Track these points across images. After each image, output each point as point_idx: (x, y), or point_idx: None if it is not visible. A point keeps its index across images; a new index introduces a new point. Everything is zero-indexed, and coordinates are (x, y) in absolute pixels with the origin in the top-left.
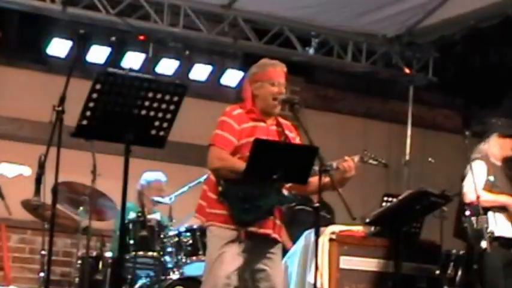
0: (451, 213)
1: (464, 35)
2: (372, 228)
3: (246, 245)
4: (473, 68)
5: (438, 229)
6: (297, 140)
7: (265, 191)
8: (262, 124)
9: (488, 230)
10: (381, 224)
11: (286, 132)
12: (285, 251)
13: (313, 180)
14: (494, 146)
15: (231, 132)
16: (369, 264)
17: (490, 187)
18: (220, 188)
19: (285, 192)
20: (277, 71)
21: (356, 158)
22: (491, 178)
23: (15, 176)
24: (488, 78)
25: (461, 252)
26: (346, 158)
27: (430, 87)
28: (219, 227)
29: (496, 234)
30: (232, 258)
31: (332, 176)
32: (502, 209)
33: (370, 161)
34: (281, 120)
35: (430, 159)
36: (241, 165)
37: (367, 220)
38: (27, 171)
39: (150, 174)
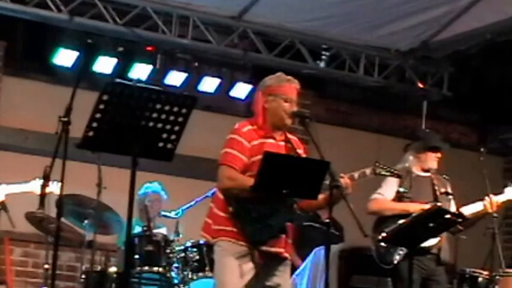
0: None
1: (480, 50)
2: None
3: (256, 262)
4: (490, 83)
5: (453, 248)
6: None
7: (277, 209)
8: (271, 140)
9: None
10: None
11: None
12: (293, 268)
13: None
14: (420, 157)
15: (240, 150)
16: (381, 282)
17: (399, 198)
18: (231, 209)
19: (296, 209)
20: (292, 87)
21: (368, 171)
22: (402, 189)
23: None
24: (505, 93)
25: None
26: (342, 175)
27: (445, 102)
28: (228, 241)
29: None
30: (241, 274)
31: (340, 193)
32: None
33: (383, 172)
34: (289, 135)
35: (444, 175)
36: (252, 183)
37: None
38: (57, 188)
39: (146, 186)
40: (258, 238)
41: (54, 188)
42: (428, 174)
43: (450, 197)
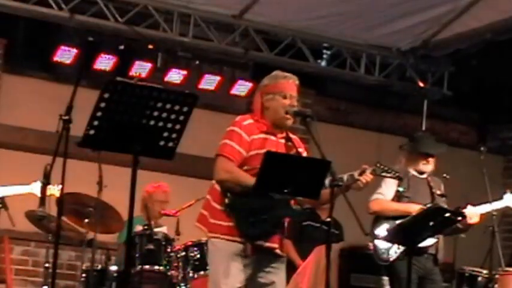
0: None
1: (480, 49)
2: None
3: (250, 258)
4: (489, 83)
5: (451, 246)
6: (305, 155)
7: (273, 204)
8: (272, 137)
9: None
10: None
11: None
12: (294, 267)
13: (324, 191)
14: (412, 160)
15: (240, 143)
16: (380, 281)
17: (398, 198)
18: (226, 200)
19: (293, 205)
20: (290, 83)
21: (368, 171)
22: (401, 189)
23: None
24: (505, 93)
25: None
26: (365, 166)
27: (445, 101)
28: (223, 239)
29: None
30: (237, 273)
31: (343, 190)
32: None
33: (383, 174)
34: (291, 134)
35: (444, 174)
36: (248, 179)
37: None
38: (57, 192)
39: (152, 185)
40: (251, 232)
41: (54, 191)
42: (424, 176)
43: (444, 198)
